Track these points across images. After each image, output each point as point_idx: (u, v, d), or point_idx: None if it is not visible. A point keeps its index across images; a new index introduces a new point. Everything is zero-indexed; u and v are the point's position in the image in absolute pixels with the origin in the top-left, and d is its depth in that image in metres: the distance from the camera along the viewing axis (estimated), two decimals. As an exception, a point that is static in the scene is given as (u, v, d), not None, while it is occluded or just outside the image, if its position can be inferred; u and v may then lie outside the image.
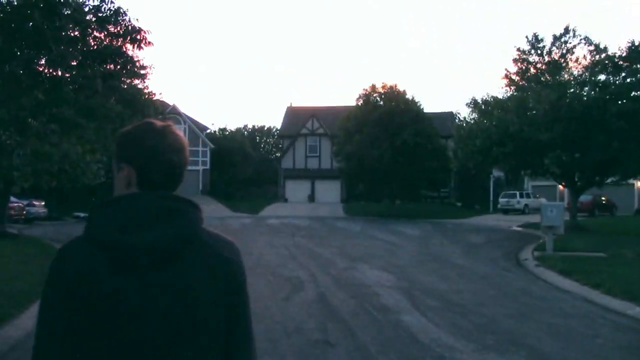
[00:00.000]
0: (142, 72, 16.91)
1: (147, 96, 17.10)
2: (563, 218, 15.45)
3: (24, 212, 24.50)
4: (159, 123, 1.45)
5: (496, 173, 40.22)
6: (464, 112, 67.81)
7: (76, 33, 7.14)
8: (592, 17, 80.00)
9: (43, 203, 27.39)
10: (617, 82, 20.82)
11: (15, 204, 23.42)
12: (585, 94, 21.03)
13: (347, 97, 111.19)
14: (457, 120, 54.20)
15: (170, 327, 1.29)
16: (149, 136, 1.40)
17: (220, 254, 1.38)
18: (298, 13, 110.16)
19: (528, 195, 40.41)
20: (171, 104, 48.43)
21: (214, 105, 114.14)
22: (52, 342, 1.30)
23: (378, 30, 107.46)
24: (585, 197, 36.44)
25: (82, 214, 31.37)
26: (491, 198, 42.25)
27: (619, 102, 19.96)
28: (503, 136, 21.68)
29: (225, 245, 1.42)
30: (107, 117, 15.26)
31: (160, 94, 17.51)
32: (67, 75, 8.17)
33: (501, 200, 39.18)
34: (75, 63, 7.69)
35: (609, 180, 22.86)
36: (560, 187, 44.63)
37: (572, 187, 23.57)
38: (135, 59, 17.27)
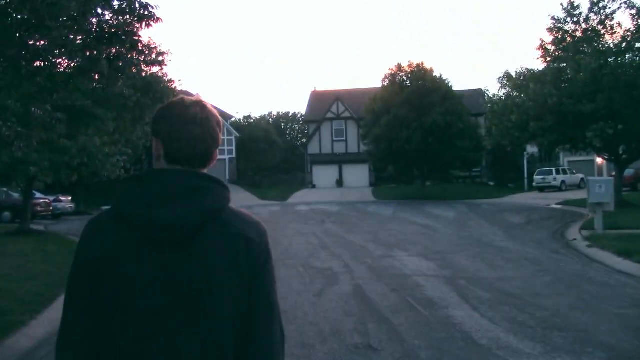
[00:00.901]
0: (160, 58, 16.26)
1: (165, 83, 16.41)
2: (613, 194, 14.32)
3: (51, 208, 24.30)
4: (190, 98, 1.45)
5: (530, 150, 38.76)
6: (493, 89, 65.87)
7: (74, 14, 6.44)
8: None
9: (70, 198, 27.23)
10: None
11: (42, 200, 23.23)
12: (627, 61, 19.60)
13: (372, 79, 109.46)
14: (486, 97, 52.68)
15: (189, 301, 1.30)
16: (174, 108, 1.42)
17: (241, 232, 1.37)
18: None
19: (565, 172, 38.93)
20: (195, 93, 48.13)
21: (238, 93, 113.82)
22: (77, 313, 1.34)
23: (399, 8, 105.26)
24: (627, 171, 34.85)
25: (109, 208, 31.23)
26: (525, 176, 40.81)
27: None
28: (541, 110, 20.44)
29: (249, 225, 1.41)
30: (125, 106, 14.62)
31: (180, 80, 16.77)
32: (69, 61, 7.50)
33: (536, 177, 37.78)
34: (79, 41, 7.01)
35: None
36: (599, 161, 43.09)
37: (616, 160, 22.21)
38: (152, 45, 16.68)
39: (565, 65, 20.67)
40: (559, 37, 22.48)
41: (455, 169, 37.77)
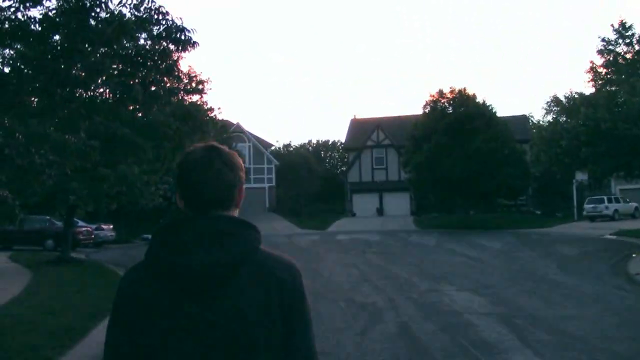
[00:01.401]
0: (200, 87, 16.25)
1: (206, 112, 16.34)
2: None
3: (93, 236, 24.48)
4: (202, 145, 1.47)
5: (579, 177, 37.24)
6: (538, 115, 64.23)
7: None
8: (675, 5, 74.33)
9: (112, 226, 27.45)
10: None
11: (84, 229, 23.44)
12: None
13: (412, 106, 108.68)
14: (531, 123, 51.42)
15: (225, 349, 1.30)
16: (185, 156, 1.45)
17: (274, 273, 1.37)
18: (354, 25, 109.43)
19: (617, 200, 37.08)
20: (235, 122, 48.55)
21: (278, 121, 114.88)
22: (118, 351, 1.37)
23: (439, 34, 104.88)
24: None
25: (150, 236, 31.39)
26: (575, 204, 39.15)
27: None
28: (593, 135, 19.49)
29: (282, 266, 1.40)
30: (165, 134, 14.56)
31: (219, 108, 16.69)
32: (104, 87, 7.31)
33: (587, 206, 36.08)
34: (114, 66, 6.82)
35: None
36: (654, 189, 41.09)
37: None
38: (192, 74, 16.68)
39: (618, 87, 19.70)
40: (610, 59, 21.60)
41: (500, 197, 36.56)
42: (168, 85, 10.03)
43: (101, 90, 7.77)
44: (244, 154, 45.48)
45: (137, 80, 7.10)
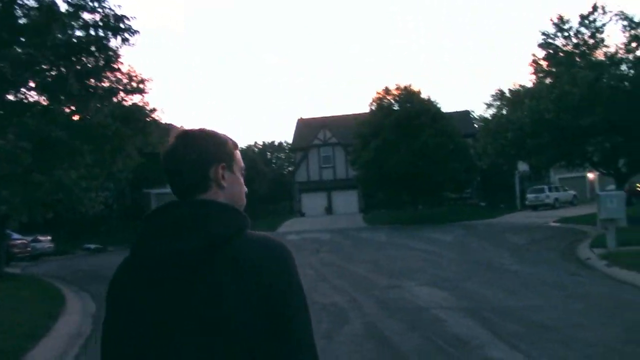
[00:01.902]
0: (140, 86, 15.45)
1: (149, 113, 15.52)
2: (624, 209, 13.57)
3: (29, 249, 22.99)
4: (177, 131, 1.43)
5: (521, 168, 38.31)
6: (479, 110, 65.89)
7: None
8: None
9: (50, 238, 25.89)
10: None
11: (19, 241, 21.95)
12: (625, 72, 19.17)
13: (358, 104, 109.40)
14: (473, 119, 52.54)
15: (200, 341, 1.21)
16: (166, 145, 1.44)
17: (252, 258, 1.24)
18: (299, 23, 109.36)
19: (557, 189, 38.41)
20: (179, 125, 47.27)
21: (223, 123, 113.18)
22: (106, 346, 1.33)
23: (383, 33, 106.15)
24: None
25: (92, 246, 29.90)
26: (518, 195, 40.25)
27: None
28: (537, 126, 19.86)
29: (264, 249, 1.27)
30: (104, 136, 13.72)
31: (162, 110, 15.87)
32: (33, 81, 6.58)
33: (529, 196, 37.22)
34: (45, 61, 6.12)
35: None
36: (590, 176, 42.79)
37: (616, 175, 21.62)
38: (132, 73, 15.83)
39: (559, 79, 20.17)
40: (551, 52, 22.12)
41: (447, 190, 37.07)
42: (106, 83, 9.33)
43: (32, 85, 7.02)
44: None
45: (72, 72, 6.42)
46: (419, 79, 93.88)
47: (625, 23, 20.37)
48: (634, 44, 20.32)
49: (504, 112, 23.39)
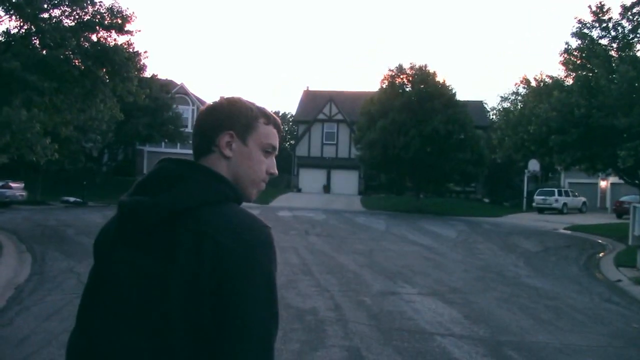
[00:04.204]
0: (120, 22, 13.39)
1: (128, 55, 13.45)
2: (664, 226, 11.67)
3: (-5, 195, 21.17)
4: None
5: (531, 167, 36.36)
6: (491, 103, 63.54)
7: None
8: None
9: (22, 185, 24.03)
10: None
11: (-16, 185, 20.14)
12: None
13: (368, 82, 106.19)
14: (486, 111, 50.35)
15: (137, 311, 1.16)
16: None
17: (212, 236, 1.13)
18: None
19: (567, 193, 36.56)
20: (179, 82, 45.13)
21: (227, 88, 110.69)
22: (82, 295, 1.32)
23: (403, 8, 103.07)
24: (633, 198, 32.45)
25: (71, 199, 28.08)
26: (525, 195, 38.36)
27: None
28: (565, 122, 17.83)
29: (231, 228, 1.15)
30: (70, 75, 11.69)
31: (145, 52, 13.84)
32: None
33: (537, 197, 35.38)
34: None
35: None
36: (603, 184, 40.82)
37: (641, 185, 19.66)
38: (117, 9, 13.77)
39: (597, 71, 18.04)
40: (587, 42, 19.97)
41: (452, 182, 35.16)
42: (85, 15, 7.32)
43: None
44: (186, 117, 42.31)
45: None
46: (432, 62, 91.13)
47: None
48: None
49: (519, 106, 21.29)
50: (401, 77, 32.86)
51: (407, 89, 32.33)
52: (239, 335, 1.10)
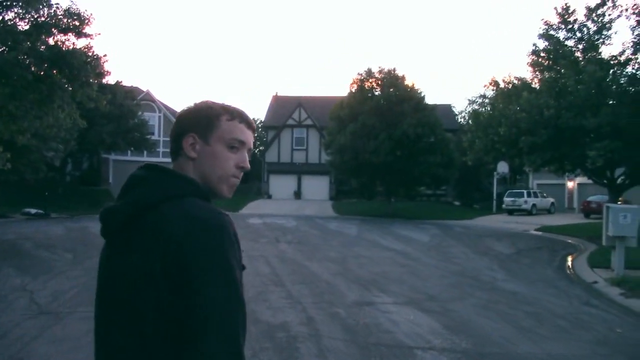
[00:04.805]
0: (76, 23, 12.78)
1: (87, 59, 12.83)
2: (638, 226, 11.59)
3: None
4: None
5: (500, 169, 36.65)
6: (460, 106, 64.05)
7: None
8: None
9: (-21, 197, 22.96)
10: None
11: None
12: (632, 72, 17.24)
13: (338, 87, 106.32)
14: (454, 114, 50.67)
15: (117, 308, 1.23)
16: None
17: (165, 228, 1.18)
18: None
19: (535, 195, 36.93)
20: (145, 89, 44.11)
21: (195, 94, 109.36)
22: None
23: (371, 13, 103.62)
24: (600, 198, 32.92)
25: (33, 210, 26.97)
26: (495, 197, 38.64)
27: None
28: (534, 123, 17.82)
29: (185, 218, 1.18)
30: (24, 79, 11.04)
31: (105, 55, 13.25)
32: None
33: (506, 199, 35.66)
34: None
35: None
36: (570, 185, 41.36)
37: (611, 185, 19.79)
38: (75, 11, 13.19)
39: (564, 72, 18.09)
40: (553, 43, 20.07)
41: (423, 185, 35.12)
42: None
43: None
44: (152, 124, 41.39)
45: None
46: (401, 66, 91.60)
47: (639, 18, 18.34)
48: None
49: (487, 108, 21.28)
50: (370, 81, 32.71)
51: (377, 93, 32.20)
52: (201, 324, 1.12)
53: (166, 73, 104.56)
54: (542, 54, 19.94)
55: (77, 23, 12.32)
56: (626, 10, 19.08)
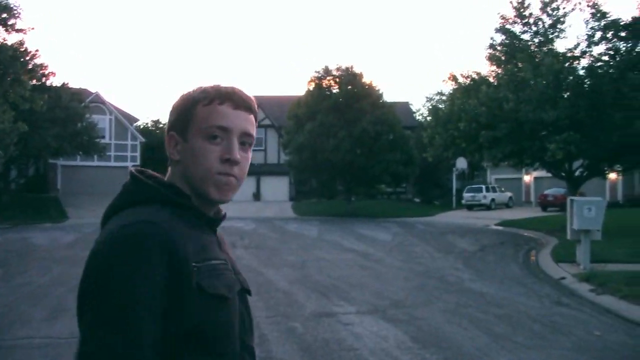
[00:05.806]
0: (5, 15, 11.70)
1: (16, 55, 11.74)
2: (602, 219, 11.32)
3: None
4: None
5: (459, 165, 36.70)
6: (418, 104, 64.35)
7: None
8: None
9: None
10: (629, 49, 17.08)
11: None
12: (593, 64, 17.18)
13: (295, 86, 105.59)
14: (412, 112, 50.69)
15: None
16: None
17: (93, 246, 1.06)
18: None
19: (494, 189, 37.18)
20: (94, 91, 42.34)
21: (147, 96, 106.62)
22: None
23: (330, 12, 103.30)
24: (556, 190, 33.31)
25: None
26: (454, 193, 38.71)
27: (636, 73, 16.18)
28: (494, 117, 17.55)
29: (102, 235, 1.06)
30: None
31: (37, 50, 12.20)
32: None
33: (466, 195, 35.78)
34: None
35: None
36: (527, 179, 41.83)
37: (569, 178, 19.75)
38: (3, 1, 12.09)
39: (521, 65, 17.90)
40: (510, 37, 19.93)
41: (383, 183, 34.80)
42: None
43: None
44: (103, 127, 39.75)
45: None
46: (358, 64, 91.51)
47: (593, 11, 18.32)
48: (597, 37, 18.37)
49: (441, 106, 21.03)
50: (328, 79, 32.16)
51: (335, 91, 31.68)
52: (80, 345, 0.98)
53: (118, 75, 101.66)
54: (498, 48, 19.75)
55: (5, 15, 11.24)
56: (580, 3, 19.10)
